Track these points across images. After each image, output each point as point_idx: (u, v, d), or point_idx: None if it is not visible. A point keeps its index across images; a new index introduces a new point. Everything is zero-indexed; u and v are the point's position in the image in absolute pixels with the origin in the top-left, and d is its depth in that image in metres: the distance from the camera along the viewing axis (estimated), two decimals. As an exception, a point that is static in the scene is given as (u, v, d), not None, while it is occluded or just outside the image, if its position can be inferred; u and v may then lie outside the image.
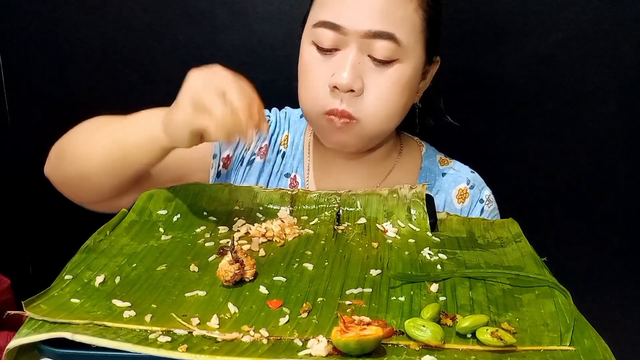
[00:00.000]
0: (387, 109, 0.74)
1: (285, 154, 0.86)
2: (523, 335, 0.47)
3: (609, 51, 1.04)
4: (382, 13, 0.70)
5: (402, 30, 0.71)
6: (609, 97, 1.06)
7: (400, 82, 0.73)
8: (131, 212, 0.68)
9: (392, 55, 0.71)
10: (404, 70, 0.73)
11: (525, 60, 1.06)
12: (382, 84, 0.72)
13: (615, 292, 1.18)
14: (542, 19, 1.04)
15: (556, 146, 1.11)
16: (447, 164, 0.87)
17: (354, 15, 0.70)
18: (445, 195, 0.84)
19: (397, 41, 0.70)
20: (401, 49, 0.71)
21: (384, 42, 0.70)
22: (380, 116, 0.73)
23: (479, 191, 0.85)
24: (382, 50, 0.71)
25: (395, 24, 0.70)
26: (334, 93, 0.72)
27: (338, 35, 0.71)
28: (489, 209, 0.85)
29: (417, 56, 0.74)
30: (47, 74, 1.25)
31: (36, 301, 0.49)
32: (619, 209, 1.13)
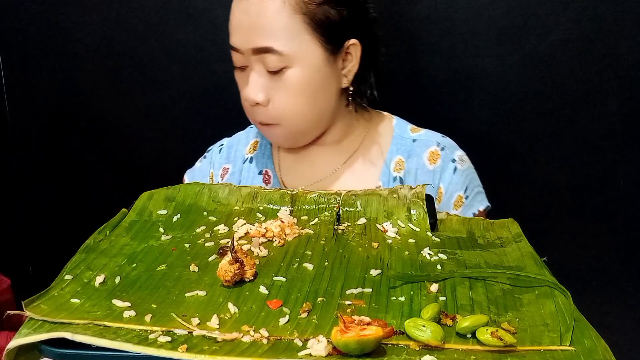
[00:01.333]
0: (294, 112, 0.80)
1: (254, 158, 0.93)
2: (523, 335, 0.47)
3: (609, 51, 1.04)
4: (259, 30, 0.76)
5: (280, 41, 0.76)
6: (609, 97, 1.06)
7: (298, 85, 0.79)
8: (131, 212, 0.68)
9: (279, 64, 0.77)
10: (297, 74, 0.78)
11: (525, 60, 1.06)
12: (280, 92, 0.79)
13: (615, 292, 1.18)
14: (542, 19, 1.04)
15: (556, 146, 1.11)
16: (418, 131, 0.91)
17: (240, 37, 0.78)
18: (417, 159, 0.87)
19: (278, 52, 0.76)
20: (285, 57, 0.77)
21: (269, 56, 0.77)
22: (291, 118, 0.81)
23: (450, 152, 0.88)
24: (270, 63, 0.77)
25: (272, 37, 0.76)
26: (251, 107, 0.82)
27: (239, 55, 0.80)
28: (463, 167, 0.87)
29: (311, 56, 0.78)
30: (47, 74, 1.25)
31: (36, 301, 0.49)
32: (619, 209, 1.13)
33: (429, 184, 0.83)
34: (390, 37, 1.07)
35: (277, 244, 0.63)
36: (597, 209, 1.13)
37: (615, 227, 1.14)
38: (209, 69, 1.17)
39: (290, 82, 0.78)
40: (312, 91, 0.80)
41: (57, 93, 1.26)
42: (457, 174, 0.86)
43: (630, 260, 1.15)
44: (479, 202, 0.87)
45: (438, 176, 0.86)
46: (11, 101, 1.28)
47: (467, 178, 0.87)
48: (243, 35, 0.78)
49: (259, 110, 0.81)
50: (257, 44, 0.76)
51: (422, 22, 1.06)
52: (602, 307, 1.16)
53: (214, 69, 1.17)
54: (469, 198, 0.86)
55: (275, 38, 0.76)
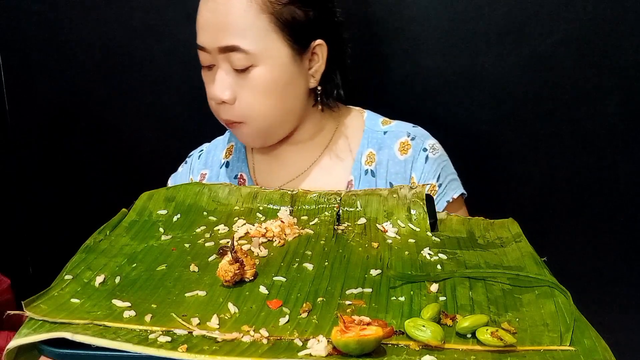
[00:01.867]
0: (261, 110, 0.81)
1: (230, 162, 0.94)
2: (523, 335, 0.47)
3: (609, 51, 1.04)
4: (225, 28, 0.77)
5: (247, 39, 0.77)
6: (609, 97, 1.06)
7: (263, 83, 0.79)
8: (131, 212, 0.68)
9: (246, 62, 0.78)
10: (263, 72, 0.79)
11: (525, 60, 1.06)
12: (246, 90, 0.80)
13: (615, 292, 1.17)
14: (542, 19, 1.04)
15: (556, 146, 1.11)
16: (389, 123, 0.91)
17: (207, 36, 0.79)
18: (388, 151, 0.88)
19: (244, 50, 0.77)
20: (251, 55, 0.77)
21: (235, 54, 0.77)
22: (259, 117, 0.81)
23: (421, 141, 0.88)
24: (236, 61, 0.78)
25: (238, 36, 0.77)
26: (217, 105, 0.82)
27: (207, 54, 0.80)
28: (434, 156, 0.87)
29: (277, 55, 0.79)
30: (47, 74, 1.25)
31: (36, 301, 0.49)
32: (619, 209, 1.13)
33: (429, 184, 0.83)
34: (390, 37, 1.07)
35: (277, 244, 0.63)
36: (597, 209, 1.13)
37: (615, 227, 1.14)
38: (209, 69, 1.17)
39: (257, 80, 0.79)
40: (279, 90, 0.81)
41: (57, 93, 1.26)
42: (429, 162, 0.86)
43: (630, 260, 1.15)
44: (453, 189, 0.87)
45: (410, 166, 0.86)
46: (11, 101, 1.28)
47: (440, 166, 0.87)
48: (210, 34, 0.78)
49: (225, 109, 0.82)
50: (224, 42, 0.77)
51: (422, 22, 1.06)
52: (602, 307, 1.16)
53: (214, 69, 1.16)
54: (442, 186, 0.86)
55: (242, 37, 0.77)
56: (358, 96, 0.99)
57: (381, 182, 0.87)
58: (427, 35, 1.07)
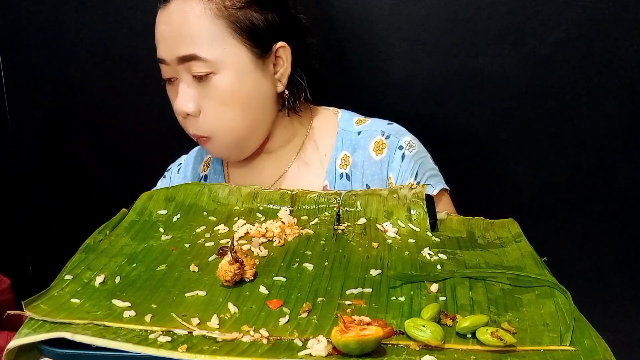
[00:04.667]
0: (226, 119, 0.79)
1: (208, 176, 0.93)
2: (523, 335, 0.47)
3: (609, 51, 1.04)
4: (181, 38, 0.75)
5: (203, 46, 0.75)
6: (609, 97, 1.06)
7: (225, 90, 0.77)
8: (131, 212, 0.68)
9: (205, 69, 0.76)
10: (225, 79, 0.77)
11: (525, 60, 1.06)
12: (209, 100, 0.78)
13: (615, 292, 1.17)
14: (542, 19, 1.04)
15: (556, 146, 1.11)
16: (363, 123, 0.89)
17: (165, 47, 0.77)
18: (362, 152, 0.86)
19: (202, 58, 0.75)
20: (210, 62, 0.76)
21: (194, 63, 0.76)
22: (224, 127, 0.79)
23: (396, 139, 0.86)
24: (195, 70, 0.76)
25: (194, 44, 0.75)
26: (183, 119, 0.81)
27: (167, 67, 0.79)
28: (411, 153, 0.85)
29: (238, 60, 0.77)
30: (47, 74, 1.25)
31: (36, 301, 0.49)
32: (619, 209, 1.13)
33: (429, 184, 0.83)
34: (390, 37, 1.07)
35: (277, 244, 0.63)
36: (597, 209, 1.13)
37: (615, 227, 1.14)
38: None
39: (219, 88, 0.77)
40: (243, 97, 0.79)
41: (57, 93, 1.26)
42: (406, 160, 0.84)
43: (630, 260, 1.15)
44: (433, 185, 0.85)
45: (386, 166, 0.84)
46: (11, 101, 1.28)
47: (417, 163, 0.85)
48: (168, 45, 0.77)
49: (190, 122, 0.80)
50: (181, 52, 0.76)
51: (422, 22, 1.06)
52: (602, 307, 1.16)
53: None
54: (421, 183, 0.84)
55: (198, 44, 0.75)
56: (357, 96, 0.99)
57: (357, 185, 0.85)
58: (427, 35, 1.07)
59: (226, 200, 0.72)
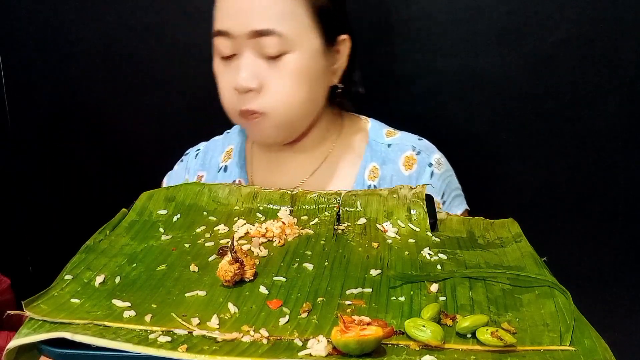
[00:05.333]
0: (289, 100, 0.77)
1: (228, 166, 0.91)
2: (523, 335, 0.47)
3: (609, 51, 1.04)
4: (261, 12, 0.74)
5: (284, 24, 0.74)
6: (609, 97, 1.06)
7: (295, 71, 0.76)
8: (131, 212, 0.68)
9: (280, 48, 0.75)
10: (296, 60, 0.76)
11: (525, 60, 1.06)
12: (277, 78, 0.76)
13: (615, 292, 1.17)
14: (542, 19, 1.04)
15: (556, 146, 1.11)
16: (394, 135, 0.89)
17: (236, 20, 0.75)
18: (392, 165, 0.85)
19: (280, 35, 0.74)
20: (287, 41, 0.74)
21: (269, 39, 0.74)
22: (284, 107, 0.77)
23: (426, 155, 0.86)
24: (270, 47, 0.74)
25: (275, 19, 0.74)
26: (240, 95, 0.77)
27: (230, 41, 0.76)
28: (440, 171, 0.85)
29: (310, 43, 0.77)
30: (47, 74, 1.25)
31: (36, 301, 0.49)
32: (619, 209, 1.13)
33: (429, 184, 0.83)
34: (390, 37, 1.07)
35: (277, 244, 0.63)
36: (597, 209, 1.13)
37: (615, 227, 1.14)
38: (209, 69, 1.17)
39: (289, 67, 0.75)
40: (309, 80, 0.77)
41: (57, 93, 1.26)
42: (434, 178, 0.84)
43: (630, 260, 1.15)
44: (457, 206, 0.86)
45: (414, 182, 0.84)
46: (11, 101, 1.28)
47: (444, 182, 0.85)
48: (239, 18, 0.74)
49: (248, 98, 0.77)
50: (257, 26, 0.73)
51: (422, 22, 1.06)
52: (602, 307, 1.16)
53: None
54: (447, 203, 0.85)
55: (277, 20, 0.73)
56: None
57: None
58: (427, 35, 1.07)
59: (226, 200, 0.72)
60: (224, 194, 0.73)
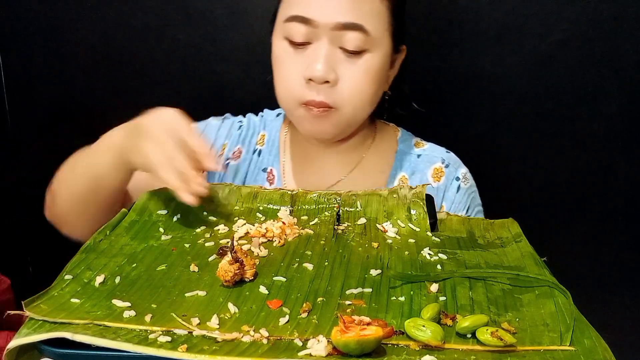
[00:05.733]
0: (361, 97, 0.77)
1: (262, 151, 0.90)
2: (523, 335, 0.47)
3: (609, 51, 1.04)
4: (351, 5, 0.73)
5: (370, 21, 0.74)
6: (609, 97, 1.06)
7: (371, 71, 0.76)
8: (131, 212, 0.68)
9: (362, 45, 0.74)
10: (373, 60, 0.76)
11: (525, 60, 1.06)
12: (354, 73, 0.75)
13: (615, 292, 1.18)
14: (542, 19, 1.04)
15: (556, 146, 1.11)
16: (423, 146, 0.89)
17: (323, 9, 0.73)
18: (421, 175, 0.86)
19: (366, 32, 0.74)
20: (370, 39, 0.74)
21: (354, 34, 0.73)
22: (355, 104, 0.77)
23: (454, 169, 0.87)
24: (352, 42, 0.74)
25: (363, 15, 0.73)
26: (310, 85, 0.75)
27: (309, 28, 0.74)
28: (466, 186, 0.86)
29: (385, 45, 0.77)
30: (47, 74, 1.25)
31: (36, 301, 0.49)
32: (619, 209, 1.13)
33: (429, 184, 0.83)
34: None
35: (277, 244, 0.63)
36: (597, 209, 1.13)
37: (615, 227, 1.14)
38: (209, 69, 1.17)
39: (366, 65, 0.75)
40: (378, 81, 0.78)
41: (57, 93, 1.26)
42: (460, 192, 0.85)
43: (630, 260, 1.15)
44: None
45: (442, 194, 0.85)
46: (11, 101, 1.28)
47: (469, 197, 0.86)
48: (327, 7, 0.73)
49: (321, 90, 0.75)
50: (347, 19, 0.72)
51: (422, 22, 1.06)
52: (602, 307, 1.16)
53: (214, 69, 1.17)
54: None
55: (365, 16, 0.73)
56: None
57: None
58: (427, 35, 1.07)
59: (226, 200, 0.72)
60: (223, 194, 0.73)
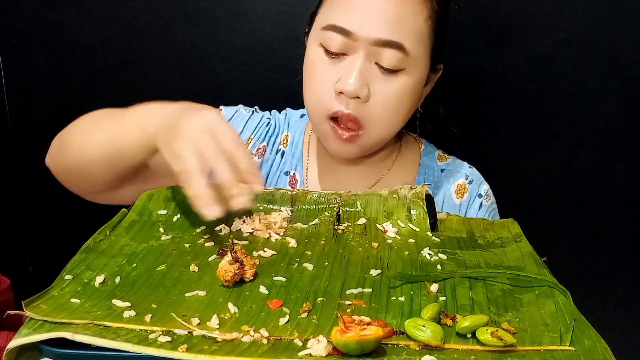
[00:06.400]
0: (392, 117, 0.75)
1: (285, 153, 0.87)
2: (523, 335, 0.47)
3: (609, 51, 1.04)
4: (393, 22, 0.70)
5: (411, 41, 0.71)
6: (609, 97, 1.06)
7: (405, 91, 0.74)
8: (131, 212, 0.68)
9: (400, 64, 0.72)
10: (409, 80, 0.73)
11: (525, 60, 1.06)
12: (388, 92, 0.73)
13: (615, 292, 1.18)
14: (542, 19, 1.04)
15: (556, 146, 1.11)
16: (446, 160, 0.89)
17: (365, 22, 0.70)
18: (444, 191, 0.85)
19: (406, 51, 0.71)
20: (408, 59, 0.72)
21: (393, 51, 0.71)
22: (384, 124, 0.75)
23: (477, 186, 0.86)
24: (390, 59, 0.71)
25: (404, 34, 0.71)
26: (340, 98, 0.73)
27: (347, 40, 0.71)
28: (487, 203, 0.86)
29: (423, 66, 0.75)
30: (47, 74, 1.25)
31: (36, 301, 0.49)
32: (619, 209, 1.13)
33: (429, 184, 0.83)
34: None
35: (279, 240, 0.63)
36: (597, 209, 1.13)
37: (615, 227, 1.14)
38: (209, 69, 1.17)
39: (402, 86, 0.73)
40: (411, 102, 0.75)
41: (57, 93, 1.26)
42: (482, 210, 0.85)
43: (630, 260, 1.15)
44: None
45: (464, 211, 0.85)
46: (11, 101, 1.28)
47: (490, 214, 0.86)
48: (369, 21, 0.70)
49: (350, 103, 0.72)
50: (387, 36, 0.70)
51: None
52: (602, 307, 1.16)
53: (214, 69, 1.16)
54: None
55: (408, 36, 0.71)
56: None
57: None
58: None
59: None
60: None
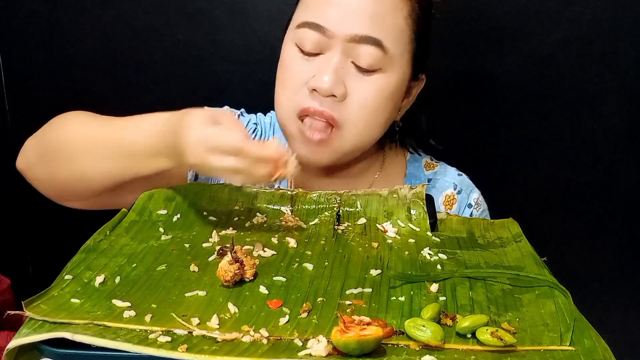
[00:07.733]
0: (369, 120, 0.72)
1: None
2: (523, 335, 0.47)
3: (609, 51, 1.04)
4: (371, 18, 0.68)
5: (390, 38, 0.68)
6: (609, 97, 1.06)
7: (383, 93, 0.71)
8: (131, 212, 0.68)
9: (377, 63, 0.69)
10: (387, 81, 0.70)
11: (525, 60, 1.06)
12: (365, 92, 0.70)
13: (615, 292, 1.18)
14: (542, 19, 1.04)
15: (556, 146, 1.11)
16: (433, 168, 0.85)
17: (340, 18, 0.68)
18: None
19: (384, 48, 0.68)
20: (387, 57, 0.69)
21: (370, 48, 0.68)
22: (361, 126, 0.71)
23: (466, 195, 0.84)
24: (367, 58, 0.68)
25: (383, 31, 0.68)
26: (313, 95, 0.70)
27: (322, 37, 0.69)
28: (477, 212, 0.84)
29: (403, 68, 0.72)
30: (47, 74, 1.25)
31: (36, 301, 0.49)
32: (619, 209, 1.13)
33: (428, 184, 0.83)
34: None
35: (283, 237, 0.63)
36: (597, 209, 1.13)
37: (615, 227, 1.14)
38: (209, 69, 1.17)
39: (379, 86, 0.69)
40: (391, 107, 0.72)
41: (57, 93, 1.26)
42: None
43: (630, 260, 1.15)
44: None
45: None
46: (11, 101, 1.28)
47: None
48: (344, 17, 0.67)
49: (326, 102, 0.69)
50: (365, 32, 0.67)
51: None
52: (602, 307, 1.16)
53: (214, 69, 1.17)
54: None
55: (387, 33, 0.68)
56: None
57: None
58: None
59: (226, 201, 0.72)
60: (223, 194, 0.73)
